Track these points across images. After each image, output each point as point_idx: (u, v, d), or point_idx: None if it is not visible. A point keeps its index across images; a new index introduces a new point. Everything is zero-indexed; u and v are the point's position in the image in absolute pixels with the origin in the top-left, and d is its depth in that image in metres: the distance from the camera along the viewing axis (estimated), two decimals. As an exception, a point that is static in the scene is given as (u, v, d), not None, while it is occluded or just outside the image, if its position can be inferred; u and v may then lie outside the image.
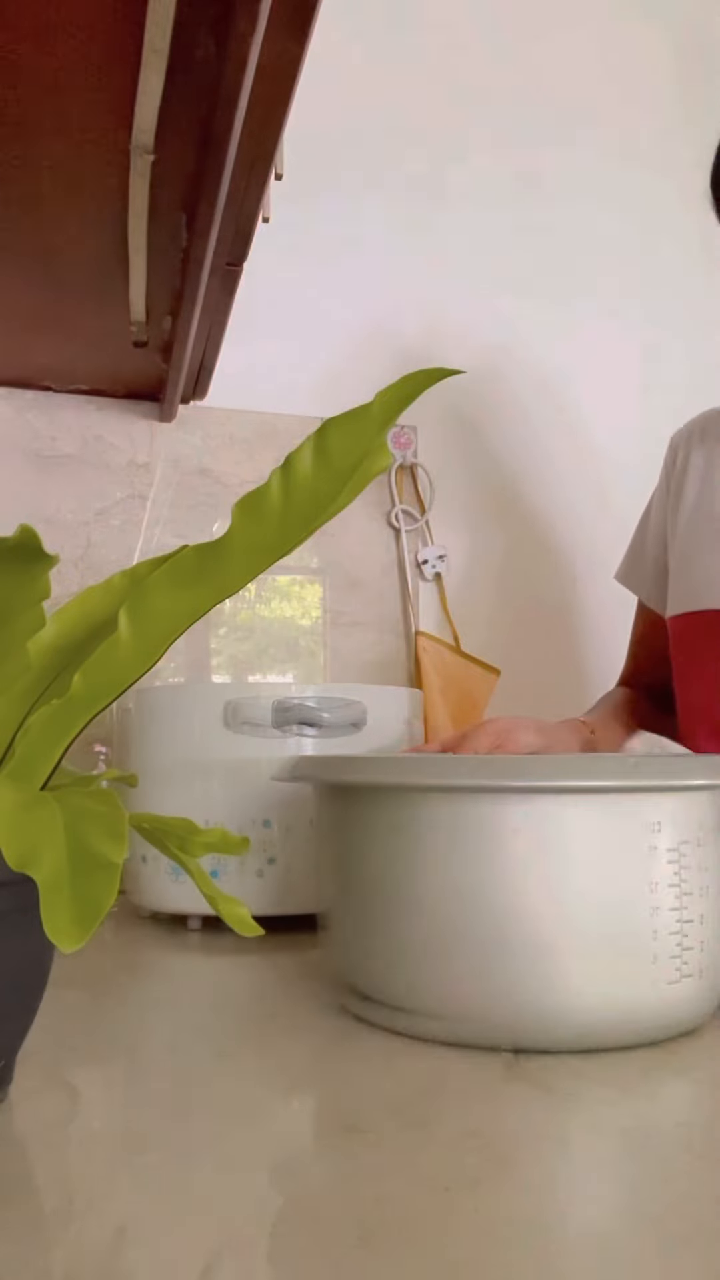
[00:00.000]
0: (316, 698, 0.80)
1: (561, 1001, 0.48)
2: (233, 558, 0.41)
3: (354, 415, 0.41)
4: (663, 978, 0.48)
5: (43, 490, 1.18)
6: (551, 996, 0.48)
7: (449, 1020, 0.51)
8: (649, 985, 0.48)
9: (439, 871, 0.50)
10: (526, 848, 0.49)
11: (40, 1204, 0.34)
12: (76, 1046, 0.52)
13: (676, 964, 0.49)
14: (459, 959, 0.49)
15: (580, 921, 0.48)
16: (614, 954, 0.48)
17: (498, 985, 0.49)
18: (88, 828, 0.34)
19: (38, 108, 0.64)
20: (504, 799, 0.49)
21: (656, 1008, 0.49)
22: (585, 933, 0.48)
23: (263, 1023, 0.57)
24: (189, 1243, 0.31)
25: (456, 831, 0.50)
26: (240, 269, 0.90)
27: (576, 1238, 0.31)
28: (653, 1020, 0.50)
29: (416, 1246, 0.31)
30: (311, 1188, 0.35)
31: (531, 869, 0.49)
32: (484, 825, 0.49)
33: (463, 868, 0.50)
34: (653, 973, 0.48)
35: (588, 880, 0.49)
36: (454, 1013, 0.51)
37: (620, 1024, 0.49)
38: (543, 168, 1.42)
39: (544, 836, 0.49)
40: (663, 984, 0.48)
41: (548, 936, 0.48)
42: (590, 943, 0.48)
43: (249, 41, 0.56)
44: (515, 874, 0.49)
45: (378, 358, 1.34)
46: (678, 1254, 0.30)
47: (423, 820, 0.51)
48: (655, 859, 0.49)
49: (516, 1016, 0.49)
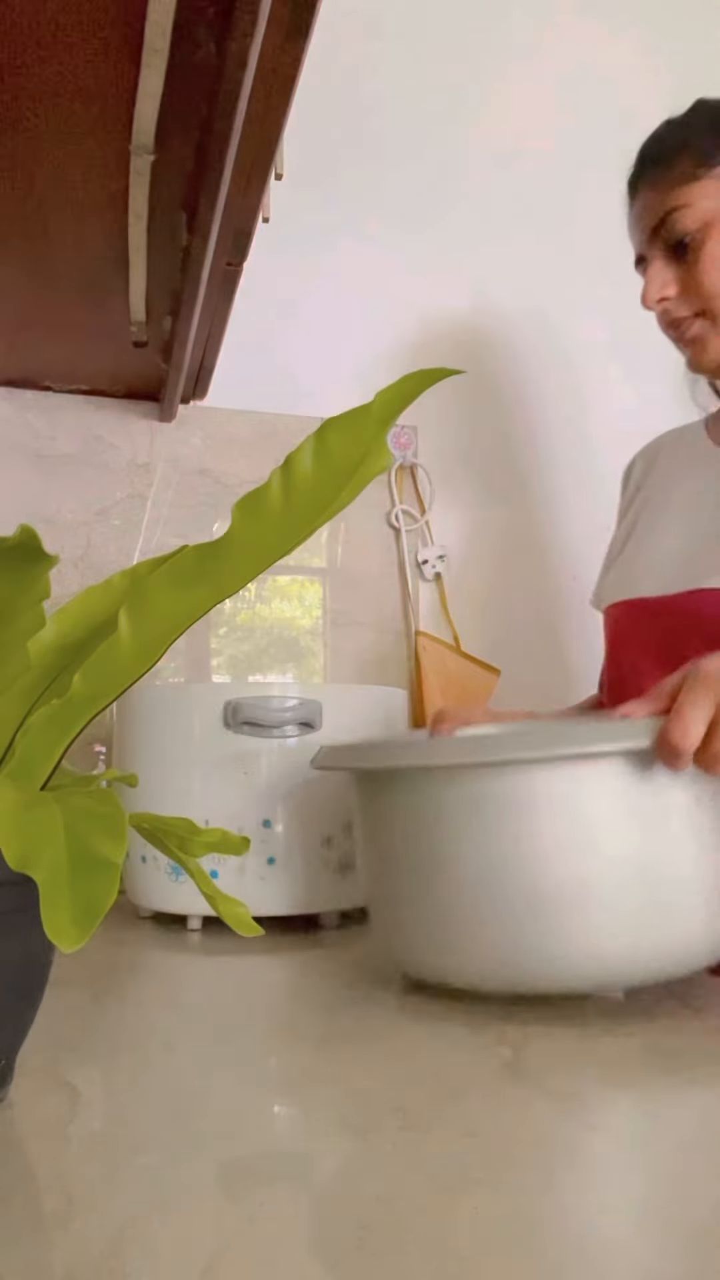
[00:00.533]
0: (265, 698, 0.80)
1: (596, 947, 0.54)
2: (233, 558, 0.41)
3: (354, 415, 0.41)
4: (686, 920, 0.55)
5: (43, 490, 1.19)
6: (589, 943, 0.54)
7: (509, 978, 0.56)
8: (678, 926, 0.55)
9: (483, 843, 0.55)
10: (556, 813, 0.54)
11: (40, 1204, 0.34)
12: (76, 1046, 0.52)
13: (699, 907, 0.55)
14: (513, 922, 0.54)
15: (610, 876, 0.54)
16: (642, 903, 0.54)
17: (547, 940, 0.54)
18: (88, 828, 0.34)
19: (38, 108, 0.64)
20: (528, 770, 0.54)
21: (683, 946, 0.55)
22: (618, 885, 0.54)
23: (262, 1023, 0.57)
24: (189, 1243, 0.31)
25: (487, 804, 0.55)
26: (240, 269, 0.90)
27: (576, 1237, 0.31)
28: (678, 959, 0.56)
29: (416, 1246, 0.31)
30: (311, 1187, 0.35)
31: (564, 832, 0.54)
32: (515, 795, 0.54)
33: (500, 838, 0.54)
34: (678, 916, 0.54)
35: (615, 839, 0.54)
36: (512, 973, 0.55)
37: (649, 963, 0.55)
38: (545, 169, 1.42)
39: (570, 801, 0.54)
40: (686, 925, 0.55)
41: (584, 891, 0.53)
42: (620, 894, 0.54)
43: (249, 41, 0.56)
44: (549, 838, 0.54)
45: (378, 357, 1.34)
46: (679, 1254, 0.30)
47: (456, 796, 0.56)
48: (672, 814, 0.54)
49: (566, 964, 0.54)
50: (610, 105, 1.48)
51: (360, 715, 0.85)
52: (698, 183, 0.80)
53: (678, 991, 0.62)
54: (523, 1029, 0.53)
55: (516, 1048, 0.50)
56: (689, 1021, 0.56)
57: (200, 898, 0.44)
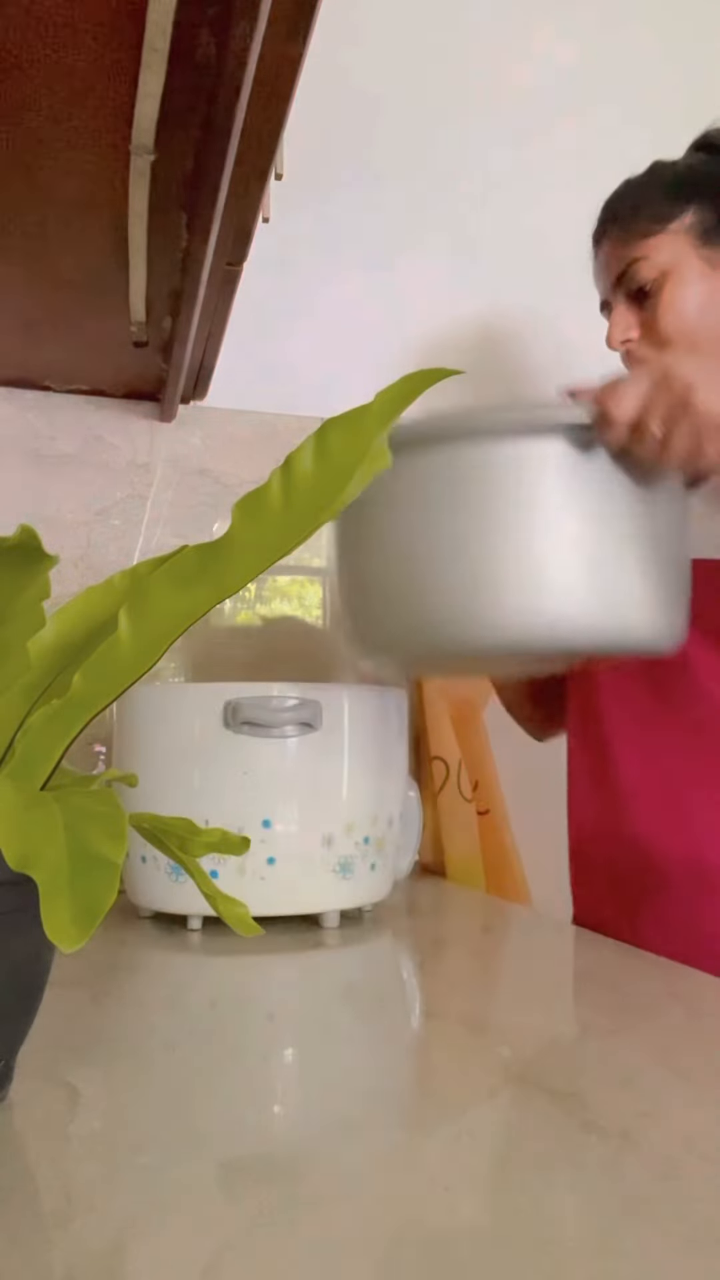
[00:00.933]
0: (265, 698, 0.80)
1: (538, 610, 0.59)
2: (233, 558, 0.41)
3: (354, 415, 0.41)
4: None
5: (43, 490, 1.19)
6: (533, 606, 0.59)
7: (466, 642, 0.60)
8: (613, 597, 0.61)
9: (440, 517, 0.60)
10: (505, 486, 0.59)
11: (40, 1204, 0.34)
12: (76, 1046, 0.52)
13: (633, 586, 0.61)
14: (469, 589, 0.59)
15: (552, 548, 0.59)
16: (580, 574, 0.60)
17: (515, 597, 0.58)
18: (88, 828, 0.34)
19: (37, 108, 0.64)
20: (480, 444, 0.60)
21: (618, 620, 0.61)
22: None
23: (262, 1023, 0.57)
24: (189, 1243, 0.31)
25: (441, 478, 0.60)
26: (240, 269, 0.90)
27: (577, 1237, 0.31)
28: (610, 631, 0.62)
29: (416, 1246, 0.31)
30: (311, 1188, 0.35)
31: (511, 507, 0.59)
32: (469, 469, 0.59)
33: (454, 510, 0.59)
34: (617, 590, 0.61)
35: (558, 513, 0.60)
36: (467, 637, 0.60)
37: (588, 631, 0.61)
38: (546, 167, 1.42)
39: (519, 473, 0.59)
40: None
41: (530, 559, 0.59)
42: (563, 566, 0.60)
43: (249, 41, 0.56)
44: (499, 511, 0.59)
45: (378, 358, 1.34)
46: (679, 1254, 0.30)
47: (410, 474, 0.60)
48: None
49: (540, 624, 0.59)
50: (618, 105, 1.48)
51: (360, 715, 0.85)
52: (654, 238, 0.88)
53: (678, 991, 0.62)
54: (523, 1029, 0.53)
55: (516, 1048, 0.50)
56: (689, 1021, 0.56)
57: (200, 898, 0.44)
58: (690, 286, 0.87)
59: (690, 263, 0.87)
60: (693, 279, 0.87)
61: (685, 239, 0.87)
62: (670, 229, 0.87)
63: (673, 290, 0.87)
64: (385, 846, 0.87)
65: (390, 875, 0.90)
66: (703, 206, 0.87)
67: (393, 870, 0.91)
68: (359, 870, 0.83)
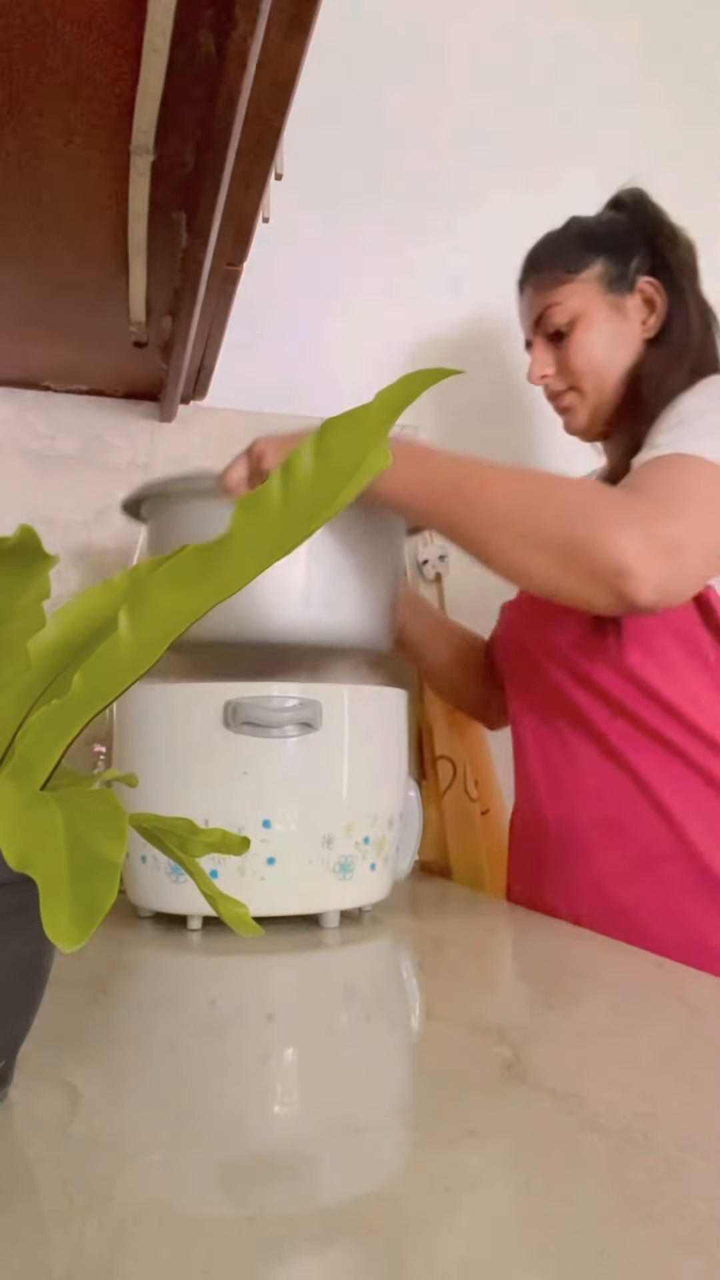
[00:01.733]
0: (265, 698, 0.80)
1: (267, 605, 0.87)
2: (233, 558, 0.41)
3: (354, 415, 0.41)
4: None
5: (43, 490, 1.19)
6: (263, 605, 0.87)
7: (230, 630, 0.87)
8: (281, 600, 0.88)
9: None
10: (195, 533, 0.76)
11: (40, 1204, 0.34)
12: (76, 1046, 0.52)
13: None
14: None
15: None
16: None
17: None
18: (88, 828, 0.34)
19: (38, 108, 0.64)
20: (172, 502, 0.92)
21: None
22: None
23: (262, 1023, 0.57)
24: (189, 1243, 0.31)
25: (167, 527, 0.93)
26: (240, 269, 0.90)
27: (576, 1237, 0.31)
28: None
29: (416, 1246, 0.31)
30: (311, 1187, 0.35)
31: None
32: (171, 520, 0.93)
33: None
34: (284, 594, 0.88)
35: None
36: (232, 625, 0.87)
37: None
38: (544, 167, 1.42)
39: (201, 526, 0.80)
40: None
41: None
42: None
43: (249, 41, 0.56)
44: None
45: (378, 358, 1.34)
46: (679, 1254, 0.30)
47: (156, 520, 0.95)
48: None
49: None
50: (612, 100, 1.48)
51: (360, 715, 0.85)
52: (566, 285, 1.00)
53: (679, 991, 0.62)
54: (523, 1029, 0.53)
55: (516, 1048, 0.50)
56: (690, 1021, 0.56)
57: (200, 898, 0.44)
58: (597, 330, 0.99)
59: (598, 308, 0.99)
60: (600, 322, 0.99)
61: (594, 286, 0.99)
62: (581, 277, 0.99)
63: (583, 333, 0.99)
64: (385, 846, 0.87)
65: (390, 875, 0.90)
66: (610, 258, 0.99)
67: (393, 870, 0.91)
68: (359, 870, 0.83)
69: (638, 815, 0.89)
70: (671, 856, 0.88)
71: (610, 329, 0.98)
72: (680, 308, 0.97)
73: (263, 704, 0.80)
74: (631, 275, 0.98)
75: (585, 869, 0.91)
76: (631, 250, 0.99)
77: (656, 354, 0.97)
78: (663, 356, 0.96)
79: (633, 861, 0.89)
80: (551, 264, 1.00)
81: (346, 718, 0.84)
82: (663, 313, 0.98)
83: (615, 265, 0.98)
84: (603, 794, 0.92)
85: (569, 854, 0.93)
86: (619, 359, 0.98)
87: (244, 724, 0.80)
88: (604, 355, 0.98)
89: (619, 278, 0.98)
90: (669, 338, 0.97)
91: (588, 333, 0.98)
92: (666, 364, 0.95)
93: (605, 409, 1.00)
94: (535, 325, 1.02)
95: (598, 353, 0.98)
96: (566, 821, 0.93)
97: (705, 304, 0.99)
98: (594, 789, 0.92)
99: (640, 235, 1.00)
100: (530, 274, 1.04)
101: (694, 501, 0.80)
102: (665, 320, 0.98)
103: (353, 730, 0.84)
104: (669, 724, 0.89)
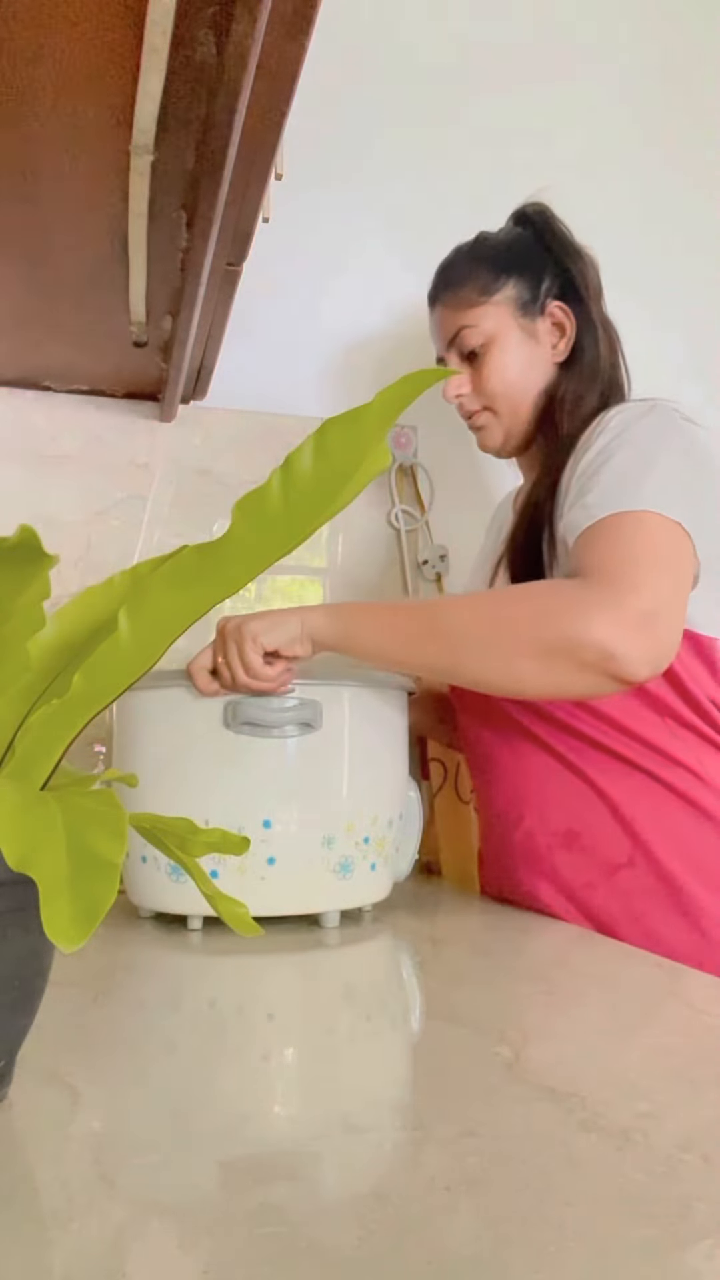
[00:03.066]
0: (265, 698, 0.80)
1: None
2: (233, 558, 0.41)
3: (354, 415, 0.41)
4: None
5: (43, 490, 1.19)
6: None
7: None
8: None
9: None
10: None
11: (40, 1204, 0.34)
12: (76, 1046, 0.52)
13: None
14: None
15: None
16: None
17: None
18: (88, 828, 0.34)
19: (38, 107, 0.64)
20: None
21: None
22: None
23: (262, 1023, 0.57)
24: (189, 1243, 0.31)
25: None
26: (240, 269, 0.90)
27: (576, 1238, 0.31)
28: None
29: (416, 1246, 0.31)
30: (312, 1187, 0.35)
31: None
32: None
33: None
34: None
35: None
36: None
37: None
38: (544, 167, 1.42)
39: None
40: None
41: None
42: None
43: (249, 41, 0.56)
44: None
45: (377, 358, 1.34)
46: (679, 1254, 0.30)
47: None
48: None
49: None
50: (615, 98, 1.48)
51: (360, 715, 0.85)
52: (479, 308, 1.00)
53: (679, 991, 0.62)
54: (523, 1029, 0.53)
55: (516, 1048, 0.50)
56: (690, 1021, 0.56)
57: (200, 898, 0.44)
58: (510, 353, 1.00)
59: (511, 332, 1.00)
60: (512, 346, 1.00)
61: (506, 310, 1.00)
62: (493, 300, 1.00)
63: (497, 356, 1.00)
64: (385, 846, 0.87)
65: (390, 875, 0.90)
66: (520, 280, 1.00)
67: (393, 870, 0.91)
68: (359, 870, 0.83)
69: (598, 824, 0.90)
70: (631, 864, 0.89)
71: (523, 352, 1.00)
72: (589, 331, 0.99)
73: (263, 704, 0.80)
74: (542, 299, 1.00)
75: (550, 879, 0.92)
76: (540, 271, 1.00)
77: (568, 377, 0.99)
78: (574, 380, 0.98)
79: (595, 870, 0.90)
80: (463, 284, 1.01)
81: (346, 718, 0.84)
82: (571, 336, 0.99)
83: (526, 288, 1.00)
84: (563, 805, 0.92)
85: (534, 865, 0.93)
86: (532, 381, 1.00)
87: (244, 724, 0.80)
88: (517, 378, 1.00)
89: (530, 301, 1.00)
90: (580, 360, 0.99)
91: (501, 356, 1.00)
92: (579, 388, 0.98)
93: (518, 429, 1.02)
94: (449, 344, 1.03)
95: (511, 376, 1.00)
96: (529, 834, 0.94)
97: (610, 324, 1.01)
98: (554, 800, 0.93)
99: (548, 255, 1.01)
100: (442, 292, 1.04)
101: (645, 564, 0.81)
102: (575, 343, 0.99)
103: (353, 730, 0.84)
104: (618, 740, 0.90)
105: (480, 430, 1.05)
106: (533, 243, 1.02)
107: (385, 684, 0.88)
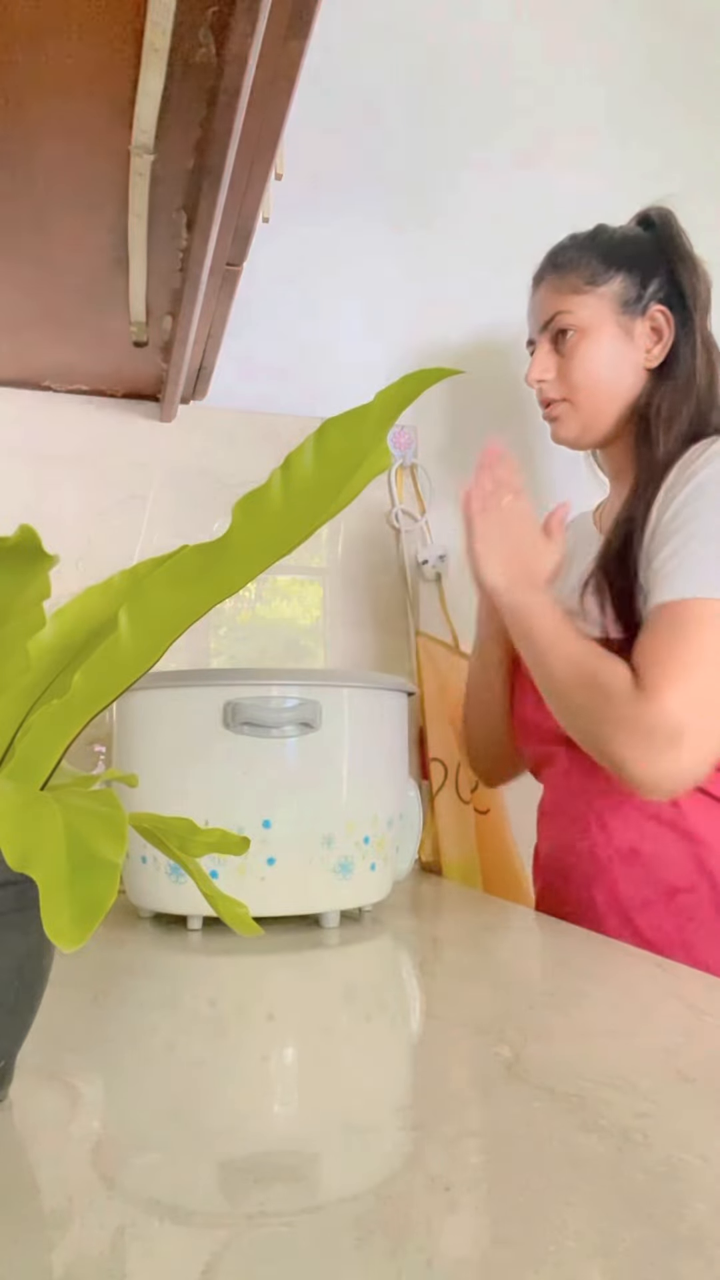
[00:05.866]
0: (265, 698, 0.80)
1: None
2: (233, 558, 0.41)
3: (354, 415, 0.41)
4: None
5: (43, 490, 1.19)
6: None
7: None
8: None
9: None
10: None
11: (40, 1204, 0.34)
12: (76, 1046, 0.52)
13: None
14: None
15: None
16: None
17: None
18: (88, 828, 0.34)
19: (38, 108, 0.64)
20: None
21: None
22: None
23: (262, 1023, 0.57)
24: (189, 1243, 0.31)
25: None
26: (240, 269, 0.90)
27: (576, 1238, 0.31)
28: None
29: (416, 1246, 0.31)
30: (311, 1187, 0.35)
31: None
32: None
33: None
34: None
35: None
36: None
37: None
38: (544, 166, 1.42)
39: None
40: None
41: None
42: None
43: (249, 41, 0.56)
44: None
45: (378, 357, 1.34)
46: (679, 1254, 0.30)
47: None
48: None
49: None
50: (615, 106, 1.48)
51: (360, 715, 0.85)
52: (581, 295, 0.99)
53: (679, 991, 0.62)
54: (523, 1029, 0.53)
55: (516, 1048, 0.50)
56: (689, 1021, 0.56)
57: (200, 898, 0.44)
58: (602, 347, 0.98)
59: (607, 326, 0.98)
60: (605, 341, 0.98)
61: (608, 304, 0.98)
62: (597, 291, 0.99)
63: (588, 347, 0.99)
64: (385, 846, 0.87)
65: (390, 875, 0.90)
66: (629, 277, 0.98)
67: (393, 870, 0.91)
68: (359, 870, 0.83)
69: (666, 845, 0.90)
70: (692, 889, 0.88)
71: (615, 349, 0.98)
72: (688, 342, 0.97)
73: (262, 704, 0.80)
74: (646, 300, 0.98)
75: (608, 891, 0.92)
76: (651, 273, 0.98)
77: (660, 387, 0.97)
78: (667, 391, 0.96)
79: (654, 889, 0.90)
80: (571, 270, 1.00)
81: (346, 718, 0.84)
82: (668, 344, 0.97)
83: (632, 286, 0.98)
84: (632, 822, 0.92)
85: (595, 876, 0.93)
86: (618, 380, 0.98)
87: (244, 724, 0.80)
88: (604, 374, 0.98)
89: (633, 300, 0.98)
90: (674, 370, 0.97)
91: (592, 348, 0.98)
92: (674, 399, 0.95)
93: (597, 426, 1.01)
94: (543, 327, 1.02)
95: (598, 370, 0.98)
96: (594, 846, 0.94)
97: (712, 341, 0.99)
98: (624, 815, 0.92)
99: (662, 259, 0.99)
100: (548, 273, 1.02)
101: (691, 662, 0.82)
102: (671, 352, 0.97)
103: (353, 730, 0.84)
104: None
105: (555, 420, 1.04)
106: (649, 244, 1.01)
107: (385, 684, 0.88)
